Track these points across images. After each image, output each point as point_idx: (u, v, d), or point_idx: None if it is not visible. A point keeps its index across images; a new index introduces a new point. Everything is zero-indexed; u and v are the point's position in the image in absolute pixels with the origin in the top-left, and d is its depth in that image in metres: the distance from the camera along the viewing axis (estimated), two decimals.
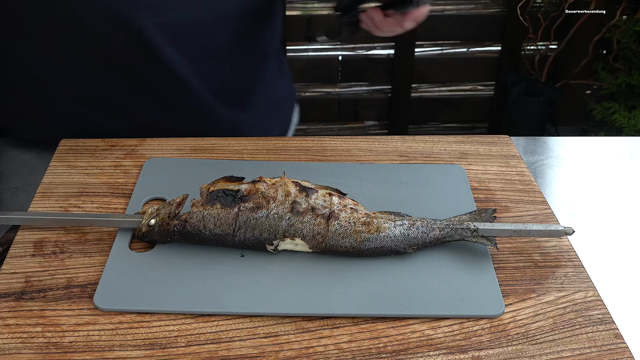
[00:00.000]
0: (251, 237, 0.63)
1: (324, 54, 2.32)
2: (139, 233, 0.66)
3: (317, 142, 0.84)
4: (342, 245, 0.63)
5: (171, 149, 0.82)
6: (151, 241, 0.66)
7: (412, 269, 0.64)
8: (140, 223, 0.66)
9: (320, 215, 0.64)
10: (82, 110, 0.88)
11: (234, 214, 0.63)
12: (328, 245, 0.63)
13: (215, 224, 0.63)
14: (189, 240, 0.65)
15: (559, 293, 0.62)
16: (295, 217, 0.63)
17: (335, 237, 0.63)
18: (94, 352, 0.55)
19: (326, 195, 0.66)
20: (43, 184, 0.75)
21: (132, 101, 0.88)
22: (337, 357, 0.56)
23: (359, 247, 0.63)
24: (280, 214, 0.63)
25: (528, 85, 2.22)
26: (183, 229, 0.64)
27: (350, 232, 0.63)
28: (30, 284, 0.62)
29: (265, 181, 0.65)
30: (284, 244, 0.64)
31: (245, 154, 0.82)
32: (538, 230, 0.65)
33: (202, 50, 0.87)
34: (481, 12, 2.32)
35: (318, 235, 0.63)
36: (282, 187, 0.65)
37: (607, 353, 0.56)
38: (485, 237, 0.65)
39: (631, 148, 0.92)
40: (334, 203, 0.65)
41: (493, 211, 0.68)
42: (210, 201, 0.64)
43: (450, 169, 0.79)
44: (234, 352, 0.56)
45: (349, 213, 0.65)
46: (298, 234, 0.63)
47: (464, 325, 0.59)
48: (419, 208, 0.71)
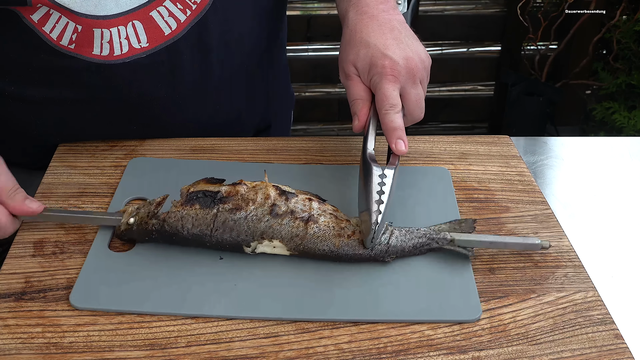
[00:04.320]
0: (229, 238, 0.63)
1: (324, 54, 2.32)
2: (118, 231, 0.66)
3: (317, 142, 0.84)
4: (320, 249, 0.63)
5: (171, 149, 0.82)
6: (130, 240, 0.66)
7: (390, 273, 0.64)
8: (119, 221, 0.66)
9: (300, 219, 0.64)
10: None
11: (212, 214, 0.63)
12: (306, 248, 0.63)
13: (194, 224, 0.63)
14: (167, 240, 0.64)
15: (559, 293, 0.62)
16: (274, 219, 0.63)
17: (313, 240, 0.63)
18: (94, 352, 0.55)
19: (306, 200, 0.65)
20: (43, 184, 0.75)
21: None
22: (338, 357, 0.56)
23: (337, 252, 0.63)
24: (259, 215, 0.63)
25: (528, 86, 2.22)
26: (161, 228, 0.64)
27: (329, 236, 0.63)
28: (30, 284, 0.61)
29: (245, 184, 0.66)
30: (261, 247, 0.64)
31: (245, 154, 0.81)
32: (515, 243, 0.65)
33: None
34: (481, 12, 2.32)
35: (296, 238, 0.63)
36: (262, 190, 0.65)
37: (607, 353, 0.56)
38: (462, 247, 0.65)
39: (631, 148, 0.92)
40: (314, 208, 0.65)
41: (473, 221, 0.68)
42: (190, 202, 0.64)
43: (435, 171, 0.78)
44: (234, 352, 0.56)
45: (328, 218, 0.64)
46: (276, 235, 0.63)
47: (464, 326, 0.59)
48: (401, 210, 0.71)
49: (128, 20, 0.73)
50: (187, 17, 0.75)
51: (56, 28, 0.72)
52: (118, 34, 0.74)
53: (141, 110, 0.81)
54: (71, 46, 0.73)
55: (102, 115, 0.80)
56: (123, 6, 0.73)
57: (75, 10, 0.71)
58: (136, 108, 0.80)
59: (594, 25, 2.20)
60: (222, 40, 0.79)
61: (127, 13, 0.73)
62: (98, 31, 0.73)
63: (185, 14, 0.75)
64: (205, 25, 0.77)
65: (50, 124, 0.81)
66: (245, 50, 0.84)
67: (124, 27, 0.74)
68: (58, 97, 0.78)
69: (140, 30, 0.74)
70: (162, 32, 0.75)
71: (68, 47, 0.73)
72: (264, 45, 0.88)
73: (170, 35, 0.76)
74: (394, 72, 0.68)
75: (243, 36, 0.82)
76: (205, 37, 0.78)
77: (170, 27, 0.75)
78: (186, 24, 0.76)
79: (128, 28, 0.74)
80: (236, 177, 0.67)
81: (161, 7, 0.74)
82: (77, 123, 0.81)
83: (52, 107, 0.79)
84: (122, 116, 0.81)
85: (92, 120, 0.81)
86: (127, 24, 0.73)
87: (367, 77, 0.70)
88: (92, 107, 0.79)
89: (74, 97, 0.78)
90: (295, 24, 2.24)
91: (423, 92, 0.71)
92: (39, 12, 0.71)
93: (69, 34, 0.72)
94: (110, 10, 0.72)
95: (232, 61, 0.83)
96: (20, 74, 0.77)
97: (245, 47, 0.84)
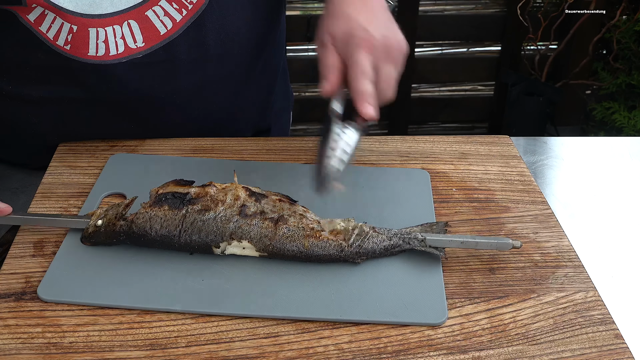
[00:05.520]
0: (197, 239, 0.63)
1: None
2: (86, 233, 0.65)
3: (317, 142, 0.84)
4: (289, 249, 0.63)
5: (171, 149, 0.82)
6: (97, 243, 0.65)
7: (358, 273, 0.63)
8: (88, 224, 0.65)
9: (269, 219, 0.64)
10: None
11: (180, 215, 0.63)
12: (275, 249, 0.63)
13: (162, 225, 0.63)
14: (135, 242, 0.64)
15: (559, 293, 0.62)
16: (243, 219, 0.63)
17: (282, 240, 0.63)
18: (94, 352, 0.55)
19: (276, 201, 0.65)
20: (43, 184, 0.75)
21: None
22: (338, 357, 0.56)
23: (307, 252, 0.63)
24: (228, 216, 0.63)
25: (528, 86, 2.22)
26: (129, 229, 0.63)
27: (298, 237, 0.63)
28: (30, 284, 0.61)
29: (215, 185, 0.65)
30: (231, 248, 0.64)
31: (245, 154, 0.81)
32: (485, 242, 0.65)
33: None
34: (481, 12, 2.32)
35: (265, 238, 0.63)
36: (232, 191, 0.65)
37: (607, 353, 0.56)
38: (434, 247, 0.65)
39: (631, 148, 0.92)
40: (284, 208, 0.65)
41: (445, 224, 0.68)
42: (158, 203, 0.64)
43: (414, 173, 0.78)
44: (234, 352, 0.56)
45: (298, 219, 0.64)
46: (245, 236, 0.63)
47: (465, 326, 0.59)
48: (375, 212, 0.70)
49: (123, 20, 0.73)
50: (183, 16, 0.75)
51: (52, 28, 0.72)
52: (113, 34, 0.74)
53: (138, 110, 0.81)
54: (67, 47, 0.73)
55: (100, 114, 0.80)
56: (118, 5, 0.73)
57: (70, 10, 0.71)
58: (133, 107, 0.80)
59: (594, 25, 2.20)
60: (219, 40, 0.79)
61: (122, 12, 0.73)
62: (93, 30, 0.73)
63: (181, 14, 0.75)
64: (202, 25, 0.77)
65: (49, 123, 0.81)
66: (242, 50, 0.84)
67: (120, 26, 0.74)
68: (56, 96, 0.78)
69: (136, 30, 0.74)
70: (158, 31, 0.75)
71: (64, 48, 0.73)
72: (261, 44, 0.88)
73: (166, 34, 0.75)
74: (370, 45, 0.67)
75: (240, 35, 0.82)
76: (201, 37, 0.78)
77: (166, 26, 0.75)
78: (182, 23, 0.76)
79: (124, 27, 0.74)
80: (218, 173, 0.67)
81: (157, 7, 0.74)
82: (75, 122, 0.81)
83: (50, 106, 0.79)
84: (119, 115, 0.81)
85: (90, 119, 0.81)
86: (122, 23, 0.74)
87: (343, 48, 0.69)
88: (90, 106, 0.79)
89: (72, 96, 0.78)
90: (295, 24, 2.24)
91: (395, 74, 0.69)
92: (34, 13, 0.71)
93: (65, 35, 0.72)
94: (106, 9, 0.72)
95: (229, 60, 0.83)
96: (18, 73, 0.77)
97: (242, 46, 0.84)
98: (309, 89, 2.36)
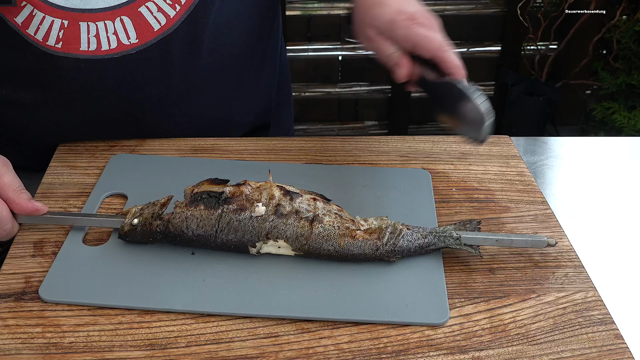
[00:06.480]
0: (234, 239, 0.63)
1: (324, 54, 2.32)
2: (122, 232, 0.65)
3: (317, 142, 0.84)
4: (325, 248, 0.63)
5: (171, 149, 0.82)
6: (133, 241, 0.65)
7: (359, 273, 0.63)
8: (122, 222, 0.65)
9: (304, 218, 0.64)
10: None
11: (216, 215, 0.63)
12: (311, 248, 0.63)
13: (198, 225, 0.63)
14: (171, 241, 0.64)
15: (559, 293, 0.62)
16: (278, 219, 0.63)
17: (318, 240, 0.63)
18: (94, 352, 0.55)
19: (310, 200, 0.65)
20: (43, 184, 0.75)
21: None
22: (338, 357, 0.56)
23: (342, 251, 0.63)
24: (263, 216, 0.63)
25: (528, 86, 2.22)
26: (165, 229, 0.64)
27: (334, 236, 0.63)
28: (30, 284, 0.61)
29: (249, 184, 0.65)
30: (266, 247, 0.64)
31: (245, 154, 0.81)
32: (520, 240, 0.65)
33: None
34: (481, 12, 2.32)
35: (301, 237, 0.63)
36: (267, 190, 0.65)
37: (607, 353, 0.56)
38: (469, 245, 0.65)
39: (631, 148, 0.92)
40: (319, 207, 0.65)
41: (478, 222, 0.68)
42: (194, 202, 0.64)
43: (415, 173, 0.78)
44: (234, 352, 0.56)
45: (333, 217, 0.64)
46: (281, 235, 0.63)
47: (464, 326, 0.59)
48: (376, 212, 0.70)
49: (116, 16, 0.73)
50: (176, 12, 0.75)
51: (40, 29, 0.72)
52: (105, 29, 0.74)
53: (133, 107, 0.80)
54: (58, 45, 0.73)
55: (94, 114, 0.80)
56: (110, 1, 0.73)
57: (60, 5, 0.71)
58: (127, 105, 0.80)
59: (594, 25, 2.20)
60: (213, 36, 0.79)
61: (114, 8, 0.73)
62: (84, 25, 0.73)
63: (174, 10, 0.75)
64: (196, 21, 0.77)
65: (45, 125, 0.81)
66: (236, 46, 0.84)
67: (112, 22, 0.74)
68: (50, 98, 0.78)
69: (129, 26, 0.74)
70: (152, 28, 0.75)
71: (55, 47, 0.73)
72: (257, 38, 0.88)
73: (160, 30, 0.75)
74: (418, 21, 0.70)
75: (234, 32, 0.82)
76: (195, 33, 0.77)
77: (160, 22, 0.75)
78: (176, 19, 0.76)
79: (116, 23, 0.74)
80: (218, 173, 0.67)
81: (150, 3, 0.74)
82: (71, 123, 0.81)
83: (44, 109, 0.79)
84: (114, 114, 0.81)
85: (85, 119, 0.81)
86: (114, 19, 0.73)
87: (391, 34, 0.71)
88: (84, 106, 0.79)
89: (65, 97, 0.78)
90: (295, 24, 2.24)
91: (442, 39, 0.71)
92: (22, 14, 0.71)
93: (55, 32, 0.72)
94: (97, 5, 0.73)
95: (224, 57, 0.83)
96: (10, 77, 0.77)
97: (236, 42, 0.84)
98: (309, 89, 2.36)
